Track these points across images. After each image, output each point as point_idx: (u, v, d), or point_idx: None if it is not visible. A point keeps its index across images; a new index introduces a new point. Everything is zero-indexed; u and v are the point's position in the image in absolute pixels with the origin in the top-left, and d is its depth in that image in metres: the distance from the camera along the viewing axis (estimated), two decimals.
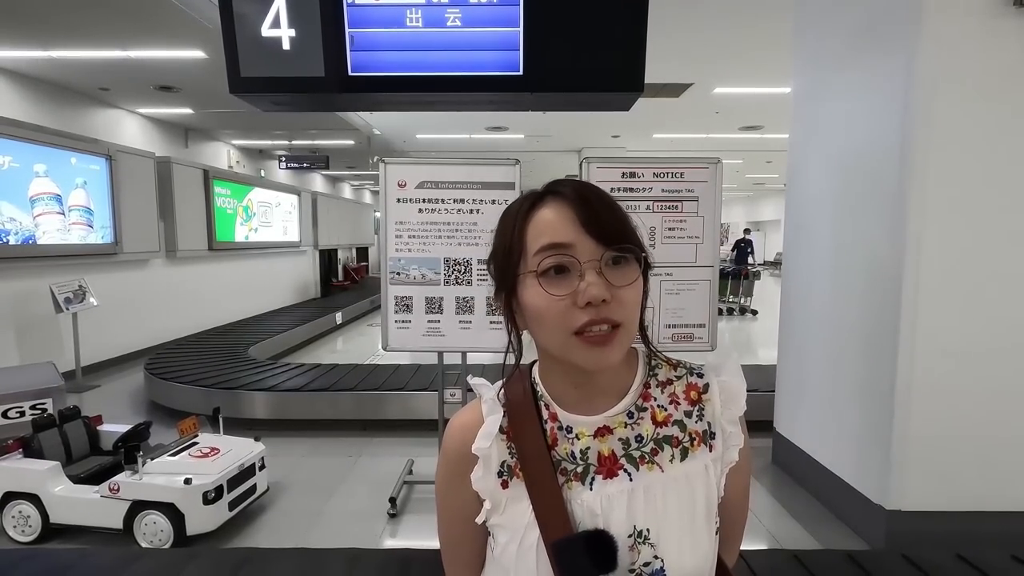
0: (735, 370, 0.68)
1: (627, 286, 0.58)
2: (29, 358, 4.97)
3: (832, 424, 2.87)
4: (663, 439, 0.64)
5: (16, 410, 3.51)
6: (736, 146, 10.54)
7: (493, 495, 0.64)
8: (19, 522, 2.61)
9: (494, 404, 0.67)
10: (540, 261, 0.58)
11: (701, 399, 0.67)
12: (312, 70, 2.23)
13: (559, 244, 0.58)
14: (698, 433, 0.65)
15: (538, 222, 0.60)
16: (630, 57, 2.18)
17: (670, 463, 0.63)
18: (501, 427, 0.65)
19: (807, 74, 3.20)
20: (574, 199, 0.59)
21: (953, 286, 2.34)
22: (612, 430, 0.64)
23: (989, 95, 2.27)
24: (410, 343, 2.83)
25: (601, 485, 0.62)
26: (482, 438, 0.64)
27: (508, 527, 0.64)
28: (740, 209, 25.96)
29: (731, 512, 0.71)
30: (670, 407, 0.66)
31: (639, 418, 0.64)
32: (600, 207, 0.59)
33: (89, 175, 5.58)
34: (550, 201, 0.60)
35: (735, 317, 9.97)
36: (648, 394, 0.66)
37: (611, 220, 0.59)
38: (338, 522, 2.86)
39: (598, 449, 0.63)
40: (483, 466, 0.64)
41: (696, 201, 2.70)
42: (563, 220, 0.58)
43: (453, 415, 0.71)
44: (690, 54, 5.39)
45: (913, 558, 1.76)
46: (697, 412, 0.66)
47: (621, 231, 0.59)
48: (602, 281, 0.56)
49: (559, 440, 0.64)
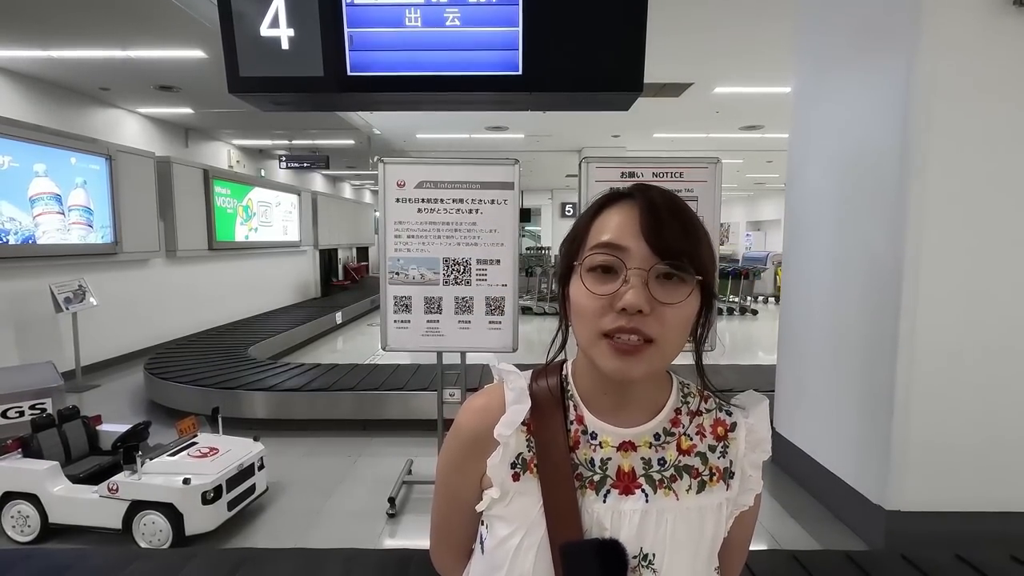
0: (764, 416, 0.68)
1: (672, 304, 0.55)
2: (28, 358, 4.97)
3: (831, 424, 2.87)
4: (684, 468, 0.63)
5: (15, 410, 3.51)
6: (736, 146, 10.52)
7: (503, 484, 0.63)
8: (18, 522, 2.61)
9: (522, 393, 0.65)
10: (591, 256, 0.58)
11: (727, 437, 0.66)
12: (311, 70, 2.23)
13: (613, 244, 0.57)
14: (719, 469, 0.64)
15: (604, 219, 0.60)
16: (630, 57, 2.18)
17: (686, 493, 0.62)
18: (523, 419, 0.64)
19: (807, 74, 3.20)
20: (644, 205, 0.58)
21: (953, 286, 2.34)
22: (636, 447, 0.63)
23: (989, 95, 2.27)
24: (409, 343, 2.83)
25: (615, 499, 0.61)
26: (504, 425, 0.63)
27: (511, 521, 0.63)
28: (740, 209, 25.94)
29: (731, 551, 0.69)
30: (696, 438, 0.65)
31: (665, 441, 0.64)
32: (668, 218, 0.57)
33: (89, 175, 5.58)
34: (624, 202, 0.60)
35: (735, 316, 9.97)
36: (678, 420, 0.65)
37: (674, 234, 0.56)
38: (337, 522, 2.85)
39: (619, 463, 0.62)
40: (501, 452, 0.63)
41: (696, 201, 2.70)
42: (627, 223, 0.57)
43: (471, 396, 0.70)
44: (690, 54, 5.38)
45: (912, 558, 1.76)
46: (721, 448, 0.65)
47: (681, 248, 0.56)
48: (645, 292, 0.55)
49: (581, 444, 0.63)
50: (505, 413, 0.64)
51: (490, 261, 2.78)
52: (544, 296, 10.29)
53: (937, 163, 2.29)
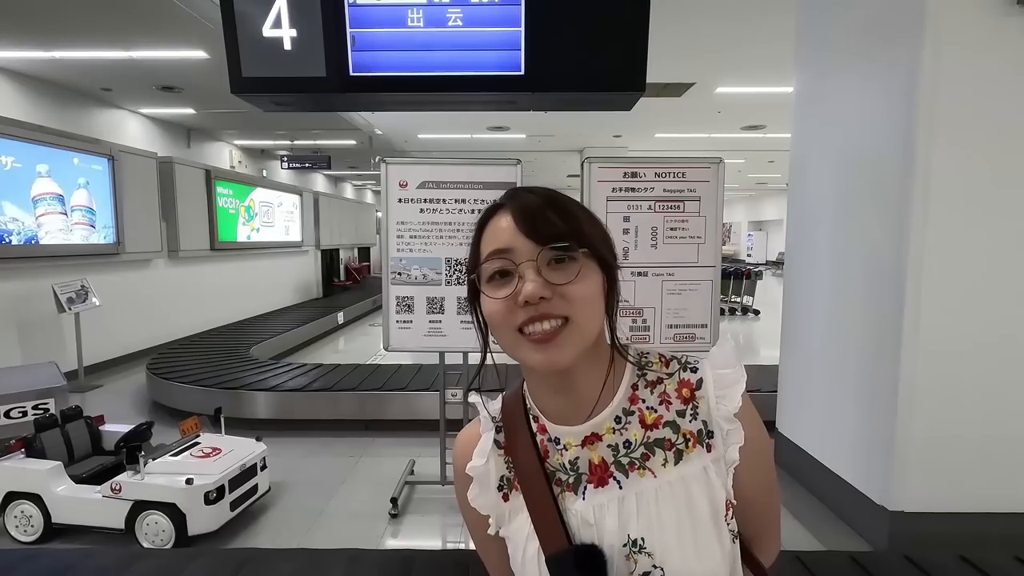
0: (730, 359, 0.64)
1: (571, 283, 0.56)
2: (32, 358, 4.98)
3: (835, 425, 2.86)
4: (654, 443, 0.61)
5: (18, 410, 3.51)
6: (738, 146, 10.53)
7: (495, 509, 0.66)
8: (21, 522, 2.61)
9: (487, 421, 0.69)
10: (485, 266, 0.60)
11: (695, 396, 0.63)
12: (313, 70, 2.23)
13: (499, 249, 0.59)
14: (692, 433, 0.61)
15: (488, 233, 0.61)
16: (632, 57, 2.17)
17: (663, 467, 0.60)
18: (497, 442, 0.67)
19: (809, 73, 3.20)
20: (515, 205, 0.60)
21: (956, 286, 2.33)
22: (601, 437, 0.62)
23: (992, 94, 2.26)
24: (411, 343, 2.83)
25: (592, 494, 0.61)
26: (477, 456, 0.67)
27: (512, 538, 0.65)
28: (742, 209, 25.93)
29: (753, 509, 0.64)
30: (660, 408, 0.63)
31: (627, 423, 0.62)
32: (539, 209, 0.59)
33: (91, 175, 5.59)
34: (501, 211, 0.61)
35: (737, 317, 9.95)
36: (636, 396, 0.64)
37: (549, 220, 0.58)
38: (339, 522, 2.86)
39: (588, 457, 0.62)
40: (478, 485, 0.67)
41: (698, 201, 2.69)
42: (507, 227, 0.59)
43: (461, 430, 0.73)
44: (692, 53, 5.37)
45: (916, 559, 1.75)
46: (691, 411, 0.62)
47: (560, 230, 0.57)
48: (539, 279, 0.56)
49: (550, 451, 0.65)
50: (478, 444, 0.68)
51: None
52: None
53: (940, 162, 2.28)
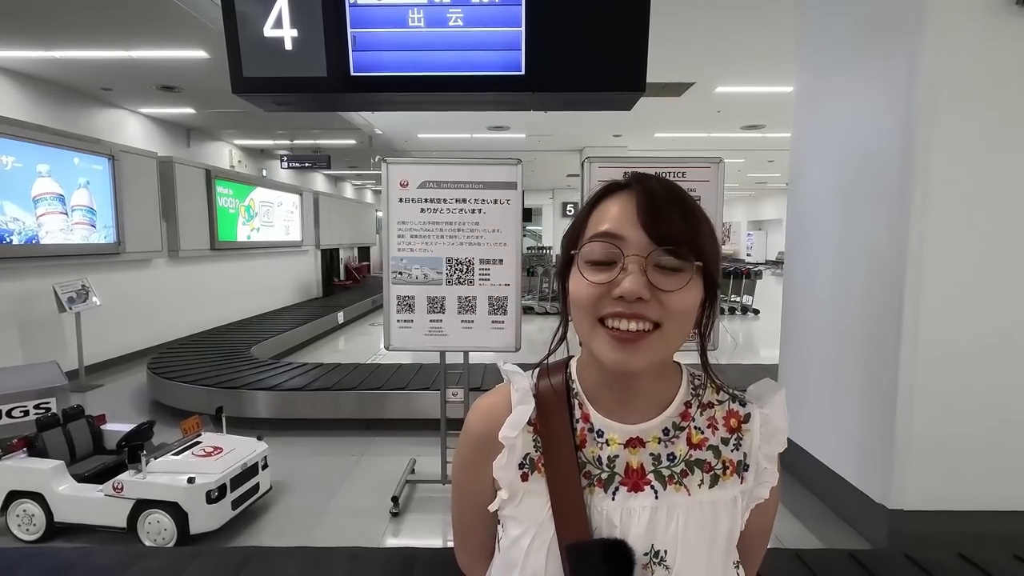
0: (780, 405, 0.65)
1: (674, 292, 0.54)
2: (33, 357, 4.99)
3: (834, 423, 2.87)
4: (695, 462, 0.62)
5: (20, 409, 3.51)
6: (738, 145, 10.53)
7: (512, 485, 0.63)
8: (24, 521, 2.62)
9: (526, 394, 0.65)
10: (589, 246, 0.57)
11: (740, 428, 0.64)
12: (314, 70, 2.24)
13: (610, 233, 0.56)
14: (732, 462, 0.63)
15: (602, 210, 0.59)
16: (632, 57, 2.18)
17: (698, 488, 0.61)
18: (529, 419, 0.64)
19: (809, 73, 3.20)
20: (642, 194, 0.57)
21: (955, 285, 2.34)
22: (645, 443, 0.61)
23: (992, 94, 2.27)
24: (412, 343, 2.84)
25: (624, 497, 0.60)
26: (509, 427, 0.63)
27: (522, 521, 0.62)
28: (742, 208, 25.93)
29: (749, 546, 0.68)
30: (707, 431, 0.63)
31: (674, 436, 0.62)
32: (666, 206, 0.56)
33: (92, 175, 5.59)
34: (622, 192, 0.59)
35: (736, 316, 9.96)
36: (688, 414, 0.63)
37: (672, 221, 0.55)
38: (341, 521, 2.86)
39: (627, 460, 0.61)
40: (507, 455, 0.63)
41: (698, 200, 2.69)
42: (624, 212, 0.57)
43: (480, 396, 0.70)
44: (692, 53, 5.38)
45: (915, 557, 1.76)
46: (735, 441, 0.63)
47: (680, 234, 0.55)
48: (643, 278, 0.54)
49: (587, 442, 0.62)
50: (511, 414, 0.64)
51: (493, 261, 2.78)
52: (545, 296, 10.29)
53: (940, 162, 2.29)
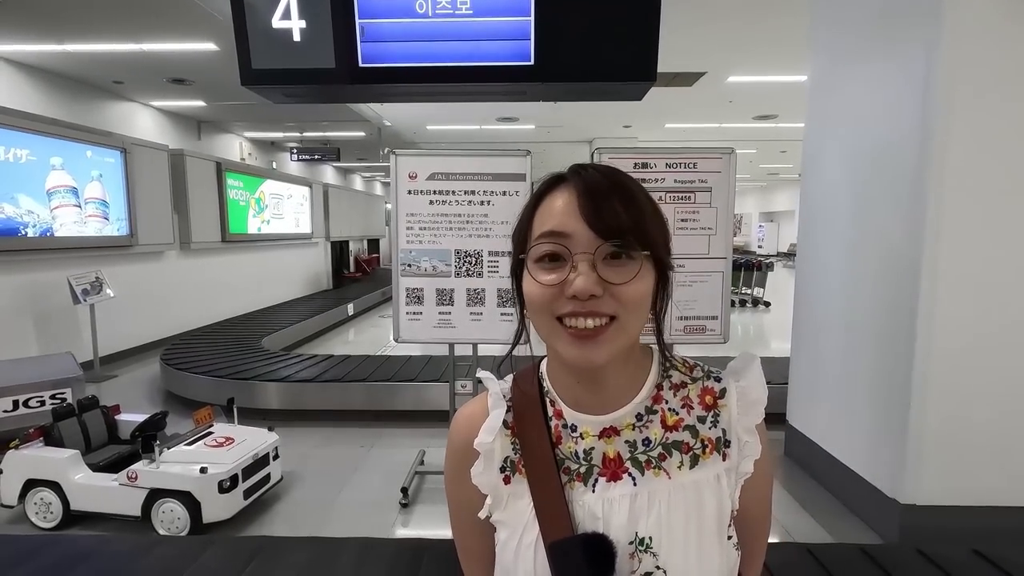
0: (756, 376, 0.64)
1: (625, 284, 0.54)
2: (48, 349, 5.07)
3: (846, 417, 2.84)
4: (672, 444, 0.61)
5: (36, 399, 3.58)
6: (750, 136, 10.41)
7: (495, 490, 0.63)
8: (41, 509, 2.67)
9: (498, 399, 0.66)
10: (536, 247, 0.57)
11: (716, 404, 0.63)
12: (323, 61, 2.23)
13: (556, 232, 0.56)
14: (711, 440, 0.62)
15: (545, 207, 0.58)
16: (643, 46, 2.15)
17: (678, 470, 0.60)
18: (505, 422, 0.64)
19: (824, 63, 3.14)
20: (581, 187, 0.56)
21: (971, 279, 2.30)
22: (619, 431, 0.61)
23: (1009, 85, 2.21)
24: (421, 334, 2.85)
25: (604, 488, 0.60)
26: (485, 432, 0.63)
27: (509, 524, 0.62)
28: (753, 199, 25.68)
29: (749, 526, 0.66)
30: (682, 411, 0.63)
31: (648, 421, 0.62)
32: (607, 198, 0.55)
33: (104, 168, 5.64)
34: (563, 186, 0.58)
35: (747, 308, 9.89)
36: (660, 396, 0.63)
37: (615, 213, 0.55)
38: (351, 511, 2.89)
39: (603, 450, 0.61)
40: (484, 461, 0.64)
41: (709, 192, 2.67)
42: (567, 207, 0.56)
43: (461, 406, 0.70)
44: (703, 42, 5.31)
45: (928, 553, 1.74)
46: (712, 418, 0.63)
47: (625, 225, 0.55)
48: (593, 275, 0.54)
49: (563, 438, 0.62)
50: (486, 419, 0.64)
51: (502, 253, 2.77)
52: None
53: (956, 153, 2.24)
